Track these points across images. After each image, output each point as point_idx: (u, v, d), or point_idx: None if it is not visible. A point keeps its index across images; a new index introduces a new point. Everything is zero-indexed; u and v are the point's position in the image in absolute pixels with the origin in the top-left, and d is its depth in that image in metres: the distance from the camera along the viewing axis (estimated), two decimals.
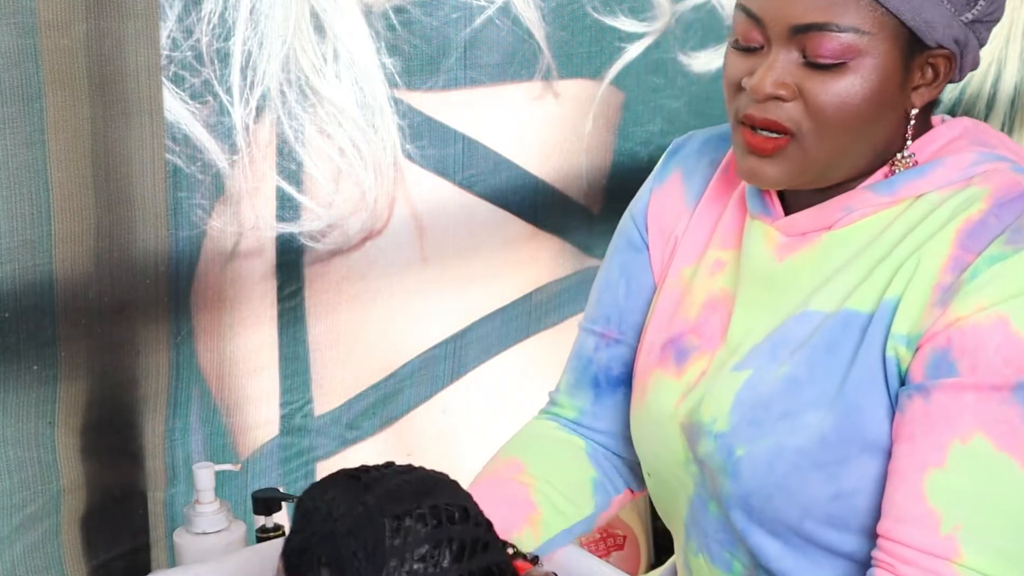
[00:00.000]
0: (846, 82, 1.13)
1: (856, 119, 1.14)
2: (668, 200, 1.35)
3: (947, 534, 1.08)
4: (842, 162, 1.17)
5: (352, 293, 1.95)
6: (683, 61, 2.20)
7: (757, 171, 1.18)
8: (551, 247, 2.17)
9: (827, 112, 1.14)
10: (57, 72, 1.56)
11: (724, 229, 1.29)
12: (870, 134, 1.16)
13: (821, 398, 1.16)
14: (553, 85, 2.06)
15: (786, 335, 1.20)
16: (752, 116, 1.16)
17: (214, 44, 1.71)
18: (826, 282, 1.19)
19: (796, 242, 1.22)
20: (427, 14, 1.89)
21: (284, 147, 1.81)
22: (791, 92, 1.14)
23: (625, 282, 1.37)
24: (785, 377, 1.18)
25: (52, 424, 1.67)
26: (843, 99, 1.13)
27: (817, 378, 1.16)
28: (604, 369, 1.39)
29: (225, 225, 1.78)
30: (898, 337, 1.13)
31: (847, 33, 1.11)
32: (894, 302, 1.14)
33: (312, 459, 1.97)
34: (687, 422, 1.24)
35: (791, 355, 1.18)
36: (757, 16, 1.15)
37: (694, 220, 1.32)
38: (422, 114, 1.93)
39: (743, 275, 1.25)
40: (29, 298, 1.61)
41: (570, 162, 2.14)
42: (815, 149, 1.16)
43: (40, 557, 1.70)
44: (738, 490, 1.19)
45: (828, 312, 1.18)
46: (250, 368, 1.88)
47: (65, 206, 1.61)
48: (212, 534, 1.59)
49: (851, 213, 1.19)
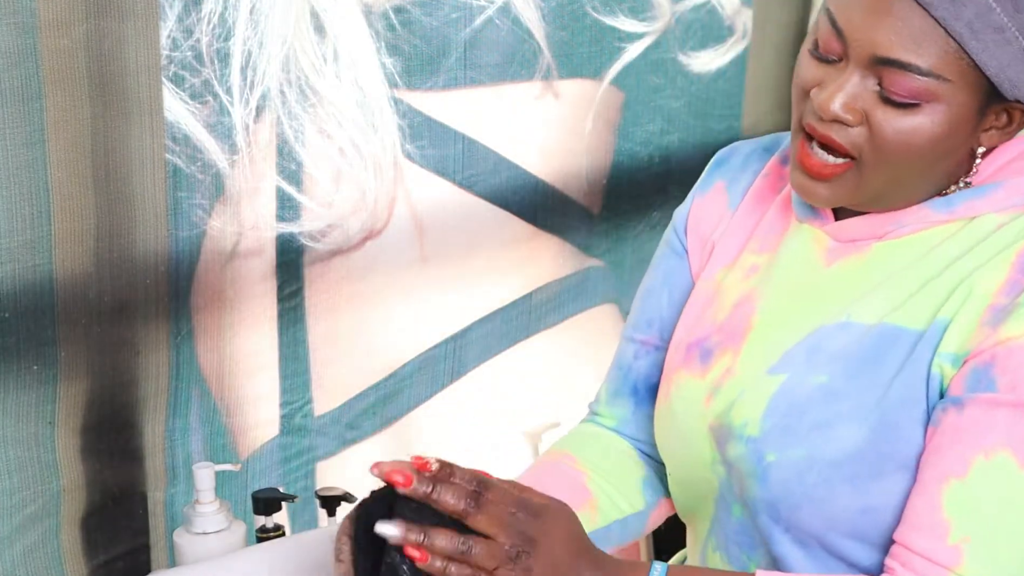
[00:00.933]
0: (915, 121, 1.11)
1: (918, 158, 1.12)
2: (710, 207, 1.35)
3: (954, 544, 1.08)
4: (897, 193, 1.17)
5: (352, 293, 1.95)
6: (683, 61, 2.20)
7: (808, 188, 1.17)
8: (551, 247, 2.17)
9: (890, 146, 1.12)
10: (57, 72, 1.56)
11: (763, 233, 1.28)
12: (930, 171, 1.15)
13: (858, 411, 1.15)
14: (553, 85, 2.06)
15: (823, 342, 1.18)
16: (814, 128, 1.15)
17: (214, 44, 1.71)
18: (869, 293, 1.18)
19: (845, 248, 1.21)
20: (427, 14, 1.89)
21: (284, 147, 1.81)
22: (857, 118, 1.12)
23: (668, 290, 1.37)
24: (822, 386, 1.17)
25: (52, 424, 1.67)
26: (908, 137, 1.11)
27: (855, 390, 1.15)
28: (644, 377, 1.39)
29: (225, 225, 1.78)
30: (945, 356, 1.12)
31: (928, 77, 1.09)
32: (945, 322, 1.13)
33: (312, 459, 1.97)
34: (716, 423, 1.23)
35: (828, 364, 1.17)
36: (842, 31, 1.12)
37: (733, 223, 1.32)
38: (422, 114, 1.93)
39: (779, 277, 1.24)
40: (29, 298, 1.61)
41: (570, 162, 2.14)
42: (872, 177, 1.14)
43: (40, 557, 1.70)
44: (766, 495, 1.18)
45: (869, 324, 1.17)
46: (250, 368, 1.88)
47: (65, 206, 1.61)
48: (212, 534, 1.59)
49: (905, 227, 1.18)
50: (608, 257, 2.24)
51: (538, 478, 1.19)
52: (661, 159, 2.24)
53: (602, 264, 2.24)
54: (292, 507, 1.90)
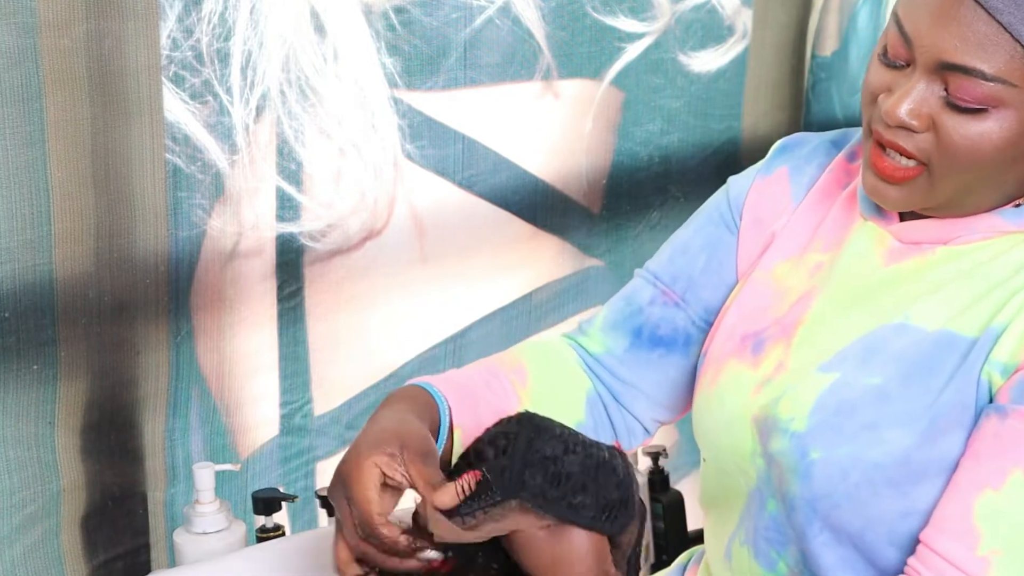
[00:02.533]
0: (983, 127, 1.10)
1: (987, 163, 1.12)
2: (772, 192, 1.33)
3: (983, 555, 1.08)
4: (967, 199, 1.16)
5: (352, 293, 1.95)
6: (683, 61, 2.20)
7: (881, 191, 1.17)
8: (551, 247, 2.17)
9: (958, 152, 1.11)
10: (57, 72, 1.56)
11: (827, 231, 1.27)
12: (1000, 177, 1.14)
13: (909, 415, 1.14)
14: (553, 85, 2.06)
15: (880, 343, 1.18)
16: (880, 135, 1.15)
17: (214, 44, 1.70)
18: (930, 296, 1.17)
19: (908, 250, 1.20)
20: (427, 14, 1.89)
21: (284, 147, 1.81)
22: (924, 124, 1.12)
23: (706, 257, 1.34)
24: (875, 388, 1.16)
25: (52, 424, 1.67)
26: (976, 143, 1.10)
27: (909, 395, 1.14)
28: (653, 325, 1.36)
29: (225, 225, 1.78)
30: (995, 364, 1.12)
31: (994, 83, 1.08)
32: (999, 329, 1.12)
33: (312, 459, 1.97)
34: (761, 415, 1.22)
35: (883, 366, 1.16)
36: (909, 36, 1.12)
37: (796, 217, 1.30)
38: (422, 114, 1.93)
39: (839, 274, 1.23)
40: (29, 298, 1.61)
41: (570, 162, 2.14)
42: (942, 184, 1.14)
43: (40, 557, 1.70)
44: (807, 493, 1.17)
45: (929, 330, 1.16)
46: (250, 368, 1.88)
47: (65, 206, 1.61)
48: (212, 534, 1.59)
49: (974, 234, 1.17)
50: (608, 257, 2.24)
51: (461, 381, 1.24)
52: (661, 159, 2.24)
53: (602, 264, 2.24)
54: (292, 507, 1.90)
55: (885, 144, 1.14)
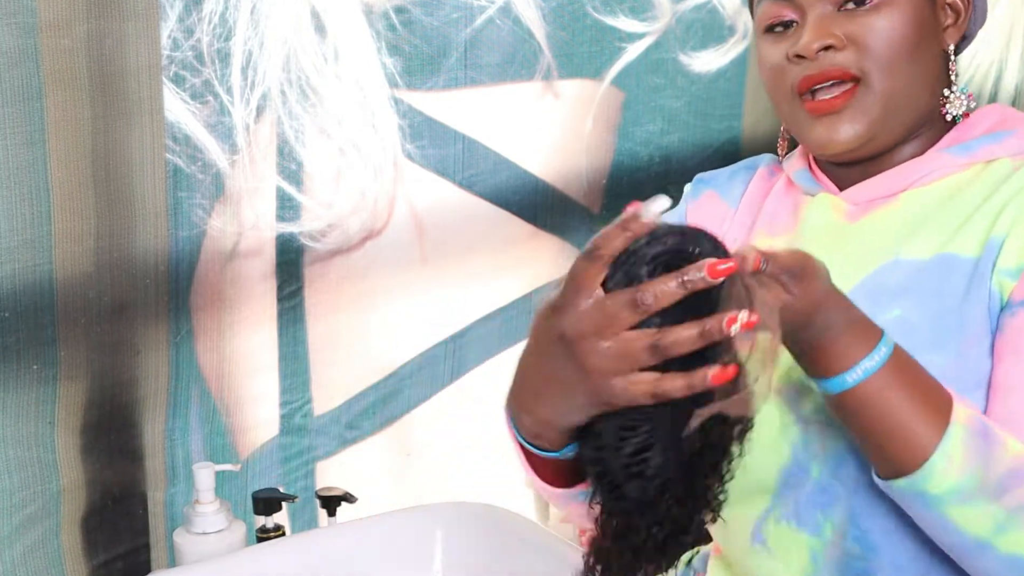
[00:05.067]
0: (885, 17, 1.17)
1: (906, 51, 1.18)
2: (707, 209, 1.37)
3: None
4: (905, 103, 1.19)
5: (352, 293, 1.95)
6: (684, 61, 2.20)
7: (833, 133, 1.20)
8: (551, 247, 2.17)
9: (880, 49, 1.17)
10: (57, 72, 1.56)
11: (769, 218, 1.30)
12: (922, 67, 1.19)
13: (937, 340, 1.15)
14: (553, 85, 2.06)
15: (881, 282, 1.19)
16: (811, 77, 1.18)
17: (215, 44, 1.70)
18: (915, 231, 1.19)
19: (868, 206, 1.23)
20: (428, 14, 1.89)
21: (284, 147, 1.81)
22: (840, 41, 1.17)
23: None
24: (898, 320, 1.17)
25: (52, 424, 1.67)
26: (889, 34, 1.17)
27: (931, 321, 1.16)
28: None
29: (225, 225, 1.78)
30: (1004, 271, 1.14)
31: None
32: (1000, 240, 1.15)
33: (312, 459, 1.97)
34: (782, 385, 1.21)
35: (895, 299, 1.18)
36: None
37: (737, 218, 1.34)
38: (422, 114, 1.93)
39: (806, 244, 1.23)
40: (29, 298, 1.61)
41: (570, 162, 2.14)
42: (882, 85, 1.18)
43: (40, 557, 1.70)
44: (848, 444, 1.17)
45: (924, 259, 1.18)
46: (250, 368, 1.88)
47: (65, 206, 1.61)
48: (212, 534, 1.59)
49: (926, 175, 1.21)
50: None
51: None
52: (661, 159, 2.24)
53: None
54: (292, 507, 1.90)
55: (820, 79, 1.18)
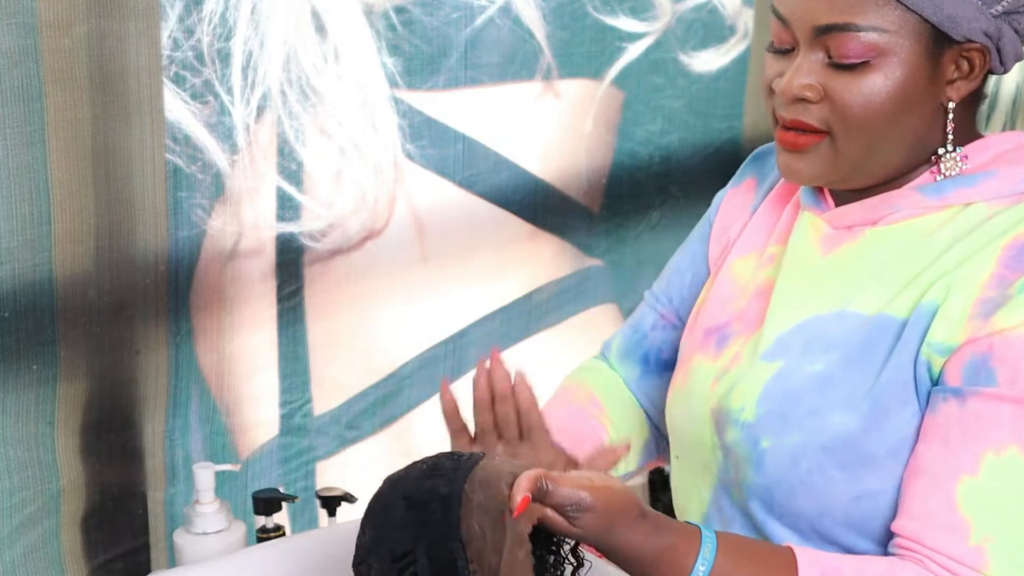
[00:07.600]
0: (870, 81, 1.14)
1: (883, 117, 1.15)
2: (738, 202, 1.38)
3: (976, 544, 1.08)
4: (874, 160, 1.18)
5: (352, 293, 1.95)
6: (684, 61, 2.20)
7: (792, 167, 1.20)
8: (551, 247, 2.17)
9: (853, 111, 1.15)
10: (57, 72, 1.56)
11: (780, 227, 1.31)
12: (900, 131, 1.17)
13: (850, 399, 1.16)
14: (553, 85, 2.06)
15: (821, 331, 1.20)
16: (783, 117, 1.19)
17: (215, 44, 1.70)
18: (866, 283, 1.19)
19: (841, 236, 1.23)
20: (428, 14, 1.89)
21: (284, 147, 1.81)
22: (817, 93, 1.16)
23: (691, 275, 1.41)
24: (818, 375, 1.18)
25: (52, 424, 1.67)
26: (867, 98, 1.14)
27: (849, 379, 1.17)
28: (657, 350, 1.43)
29: (225, 225, 1.78)
30: (934, 345, 1.13)
31: (868, 32, 1.12)
32: (932, 308, 1.14)
33: (312, 459, 1.97)
34: (717, 407, 1.25)
35: (825, 353, 1.19)
36: (784, 18, 1.17)
37: (753, 220, 1.34)
38: (422, 114, 1.93)
39: (786, 265, 1.26)
40: (29, 298, 1.61)
41: (570, 162, 2.14)
42: (845, 147, 1.17)
43: (40, 557, 1.70)
44: (761, 481, 1.20)
45: (867, 315, 1.18)
46: (250, 368, 1.88)
47: (65, 206, 1.61)
48: (212, 534, 1.59)
49: (897, 212, 1.20)
50: (608, 257, 2.24)
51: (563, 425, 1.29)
52: (661, 159, 2.25)
53: (602, 264, 2.24)
54: (292, 507, 1.90)
55: (788, 125, 1.18)
